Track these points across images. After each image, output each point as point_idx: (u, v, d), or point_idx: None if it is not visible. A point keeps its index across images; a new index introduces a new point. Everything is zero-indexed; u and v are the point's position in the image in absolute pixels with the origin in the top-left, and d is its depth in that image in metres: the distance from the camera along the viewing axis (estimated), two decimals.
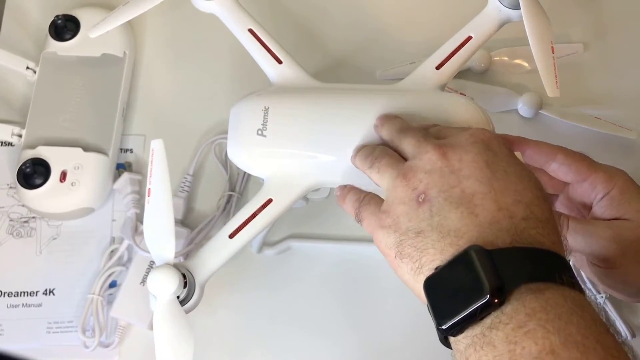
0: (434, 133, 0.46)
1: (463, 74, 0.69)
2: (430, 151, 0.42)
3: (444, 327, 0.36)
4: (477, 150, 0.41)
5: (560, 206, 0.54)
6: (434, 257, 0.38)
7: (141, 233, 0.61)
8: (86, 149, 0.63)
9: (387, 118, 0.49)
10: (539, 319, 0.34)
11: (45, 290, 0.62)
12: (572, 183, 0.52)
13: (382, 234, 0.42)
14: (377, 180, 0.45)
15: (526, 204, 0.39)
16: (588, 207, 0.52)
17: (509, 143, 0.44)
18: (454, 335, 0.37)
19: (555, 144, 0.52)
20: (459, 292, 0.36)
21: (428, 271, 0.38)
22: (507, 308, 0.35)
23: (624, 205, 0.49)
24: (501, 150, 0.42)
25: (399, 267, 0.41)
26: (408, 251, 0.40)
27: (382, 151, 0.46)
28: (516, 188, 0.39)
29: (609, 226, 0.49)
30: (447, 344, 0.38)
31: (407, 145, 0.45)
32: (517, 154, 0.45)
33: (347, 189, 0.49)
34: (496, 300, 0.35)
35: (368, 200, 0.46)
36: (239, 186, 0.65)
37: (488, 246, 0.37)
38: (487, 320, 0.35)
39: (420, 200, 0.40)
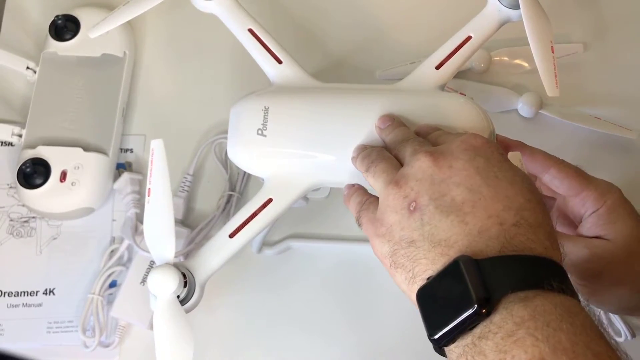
0: (433, 140, 0.46)
1: (463, 73, 0.69)
2: (421, 158, 0.42)
3: (435, 337, 0.37)
4: (468, 157, 0.41)
5: (556, 211, 0.53)
6: (426, 267, 0.39)
7: (141, 233, 0.61)
8: (86, 149, 0.63)
9: (391, 125, 0.49)
10: (527, 328, 0.34)
11: (45, 290, 0.62)
12: (564, 196, 0.52)
13: (378, 243, 0.42)
14: (372, 184, 0.45)
15: (517, 210, 0.38)
16: (578, 221, 0.51)
17: (506, 146, 0.43)
18: (445, 345, 0.37)
19: (551, 155, 0.52)
20: (449, 302, 0.36)
21: (421, 281, 0.39)
22: (496, 317, 0.35)
23: (609, 225, 0.49)
24: (493, 155, 0.41)
25: (394, 276, 0.41)
26: (402, 261, 0.40)
27: (379, 155, 0.46)
28: (507, 194, 0.39)
29: (586, 245, 0.49)
30: (442, 353, 0.38)
31: (405, 152, 0.45)
32: (517, 154, 0.45)
33: (354, 189, 0.49)
34: (484, 311, 0.35)
35: (368, 205, 0.46)
36: (239, 186, 0.65)
37: (477, 255, 0.37)
38: (477, 330, 0.35)
39: (412, 208, 0.40)
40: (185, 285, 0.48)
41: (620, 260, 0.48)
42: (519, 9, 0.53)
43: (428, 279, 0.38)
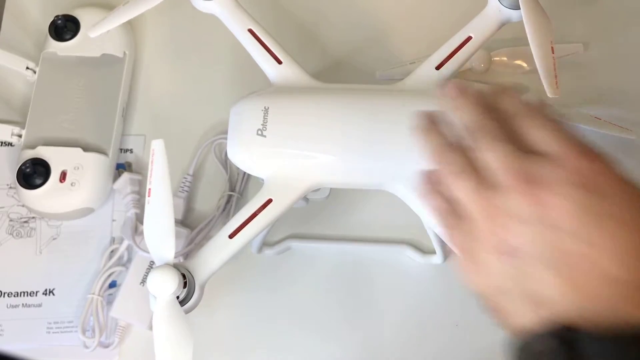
0: (526, 132, 0.38)
1: (463, 74, 0.69)
2: (518, 189, 0.35)
3: None
4: (578, 196, 0.34)
5: None
6: (517, 322, 0.35)
7: (141, 233, 0.61)
8: (86, 149, 0.63)
9: (469, 101, 0.41)
10: None
11: (45, 290, 0.62)
12: None
13: (467, 276, 0.39)
14: (457, 194, 0.39)
15: (635, 267, 0.33)
16: None
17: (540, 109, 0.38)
18: None
19: None
20: None
21: (509, 333, 0.36)
22: None
23: None
24: (606, 184, 0.35)
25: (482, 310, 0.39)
26: (490, 305, 0.37)
27: (459, 165, 0.39)
28: (627, 246, 0.33)
29: None
30: None
31: (488, 156, 0.38)
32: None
33: (433, 193, 0.41)
34: None
35: (458, 221, 0.39)
36: (239, 186, 0.65)
37: (580, 324, 0.32)
38: None
39: (509, 252, 0.36)
40: (184, 286, 0.48)
41: None
42: (520, 9, 0.53)
43: (518, 336, 0.35)
